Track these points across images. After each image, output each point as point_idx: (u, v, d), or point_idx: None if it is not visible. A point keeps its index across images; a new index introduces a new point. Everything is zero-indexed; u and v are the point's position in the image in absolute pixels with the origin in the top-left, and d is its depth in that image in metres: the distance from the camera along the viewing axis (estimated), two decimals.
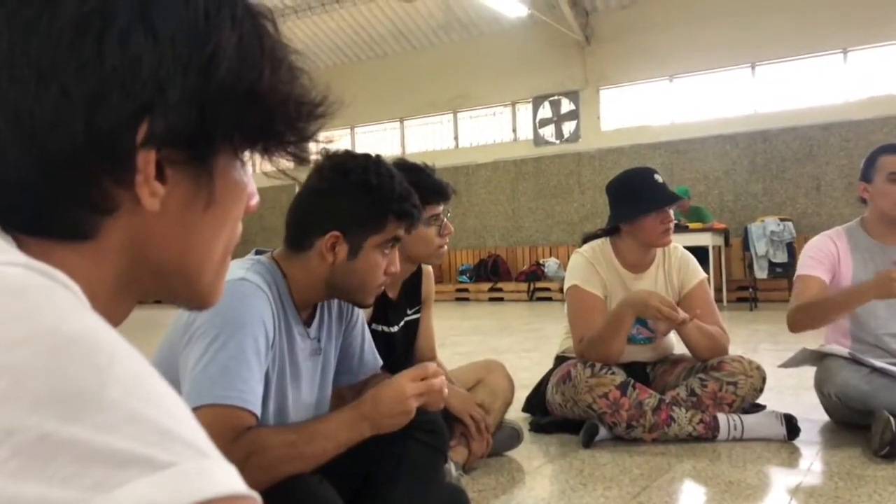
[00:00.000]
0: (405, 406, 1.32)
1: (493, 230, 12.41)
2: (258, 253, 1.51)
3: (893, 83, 9.77)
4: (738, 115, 10.66)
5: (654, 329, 2.66)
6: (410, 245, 1.94)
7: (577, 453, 2.30)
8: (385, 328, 2.14)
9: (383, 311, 2.10)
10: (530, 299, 10.70)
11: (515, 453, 2.31)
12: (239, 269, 1.36)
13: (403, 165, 2.02)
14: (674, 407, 2.40)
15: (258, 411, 1.25)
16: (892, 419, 2.13)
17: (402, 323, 2.20)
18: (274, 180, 0.60)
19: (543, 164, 11.96)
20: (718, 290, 8.67)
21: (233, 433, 1.18)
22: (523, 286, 10.91)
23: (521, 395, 2.71)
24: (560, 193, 11.86)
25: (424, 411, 1.40)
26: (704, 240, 8.13)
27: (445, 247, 2.13)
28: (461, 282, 11.70)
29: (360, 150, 1.57)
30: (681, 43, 10.84)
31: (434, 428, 1.58)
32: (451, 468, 1.91)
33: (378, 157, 1.51)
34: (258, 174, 0.51)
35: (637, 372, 2.63)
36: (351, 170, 1.43)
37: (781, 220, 8.47)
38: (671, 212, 2.58)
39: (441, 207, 2.08)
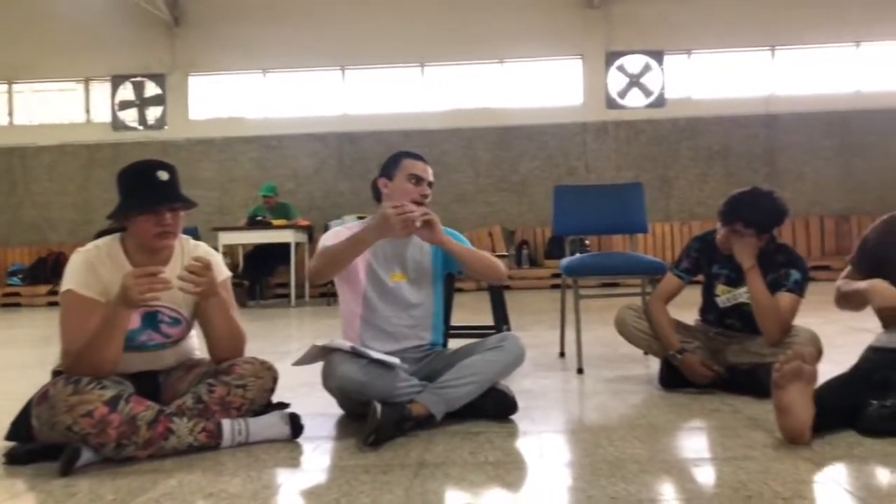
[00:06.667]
0: None
1: (58, 224, 10.96)
2: None
3: (463, 99, 11.22)
4: (329, 116, 11.13)
5: (168, 334, 2.45)
6: None
7: (48, 484, 1.97)
8: None
9: None
10: None
11: None
12: None
13: None
14: (174, 418, 2.21)
15: None
16: (378, 407, 2.24)
17: None
18: None
19: (123, 151, 10.92)
20: (301, 286, 8.88)
21: None
22: None
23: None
24: None
25: None
26: (287, 237, 8.24)
27: None
28: (11, 284, 10.19)
29: None
30: (274, 37, 10.88)
31: None
32: None
33: None
34: None
35: (146, 382, 2.40)
36: None
37: (359, 217, 9.01)
38: (176, 214, 2.37)
39: None
